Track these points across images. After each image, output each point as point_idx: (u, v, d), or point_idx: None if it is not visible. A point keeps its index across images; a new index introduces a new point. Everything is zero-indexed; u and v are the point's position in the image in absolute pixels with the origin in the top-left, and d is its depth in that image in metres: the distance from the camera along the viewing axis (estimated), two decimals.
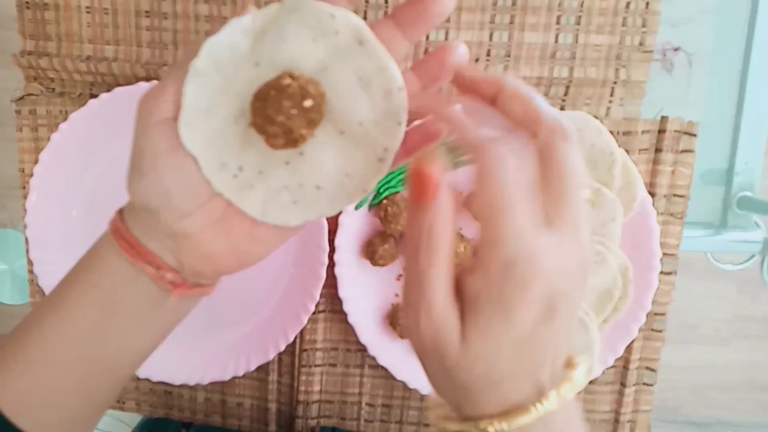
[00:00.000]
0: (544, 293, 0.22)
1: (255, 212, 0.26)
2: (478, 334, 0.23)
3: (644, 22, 0.46)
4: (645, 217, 0.47)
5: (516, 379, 0.23)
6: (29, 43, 0.48)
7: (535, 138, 0.22)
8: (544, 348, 0.23)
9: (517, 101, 0.23)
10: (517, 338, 0.22)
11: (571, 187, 0.23)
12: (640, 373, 0.51)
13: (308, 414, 0.51)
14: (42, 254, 0.49)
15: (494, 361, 0.23)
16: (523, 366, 0.23)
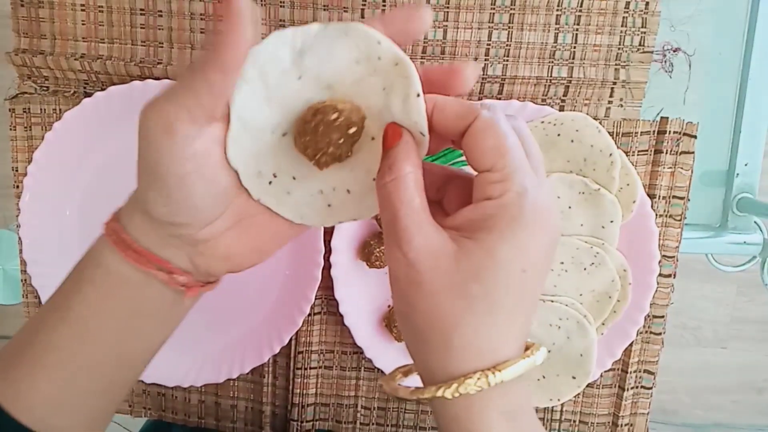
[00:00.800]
0: (549, 227, 0.24)
1: (293, 216, 0.27)
2: (483, 251, 0.23)
3: (644, 22, 0.46)
4: (644, 219, 0.46)
5: (511, 319, 0.23)
6: (23, 41, 0.48)
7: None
8: (538, 288, 0.24)
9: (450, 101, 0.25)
10: (523, 263, 0.23)
11: (535, 145, 0.25)
12: (638, 376, 0.50)
13: (303, 417, 0.51)
14: (35, 254, 0.48)
15: (493, 283, 0.23)
16: (525, 300, 0.24)
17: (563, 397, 0.49)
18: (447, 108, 0.24)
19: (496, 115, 0.24)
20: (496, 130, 0.23)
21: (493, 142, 0.23)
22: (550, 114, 0.46)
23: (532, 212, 0.23)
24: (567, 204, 0.46)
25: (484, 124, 0.24)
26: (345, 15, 0.45)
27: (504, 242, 0.23)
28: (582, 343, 0.47)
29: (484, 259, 0.23)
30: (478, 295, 0.23)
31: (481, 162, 0.24)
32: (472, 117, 0.24)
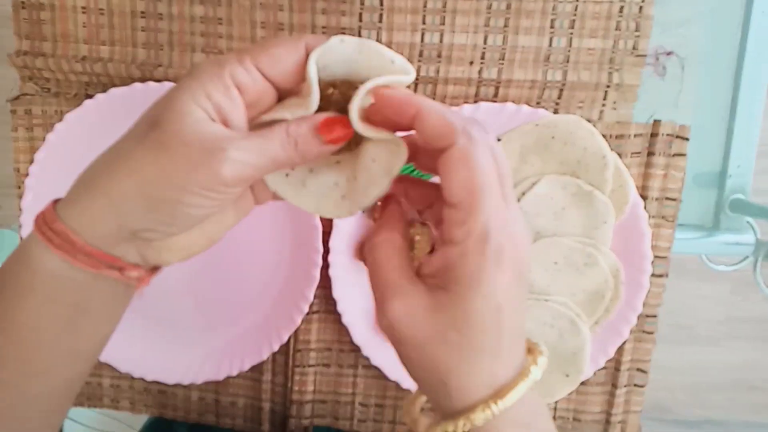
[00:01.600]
0: (515, 260, 0.24)
1: (310, 208, 0.28)
2: (453, 302, 0.24)
3: (637, 26, 0.47)
4: (636, 220, 0.47)
5: (500, 352, 0.24)
6: (25, 44, 0.48)
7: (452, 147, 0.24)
8: (518, 319, 0.25)
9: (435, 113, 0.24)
10: (496, 306, 0.24)
11: (508, 169, 0.25)
12: (631, 374, 0.51)
13: (302, 414, 0.51)
14: None
15: (474, 331, 0.24)
16: (504, 337, 0.24)
17: (557, 394, 0.50)
18: (426, 122, 0.24)
19: (474, 144, 0.23)
20: (469, 163, 0.23)
21: (464, 177, 0.23)
22: (545, 117, 0.46)
23: (495, 257, 0.23)
24: (561, 205, 0.47)
25: (459, 156, 0.23)
26: (343, 18, 0.46)
27: (471, 292, 0.23)
28: (575, 342, 0.48)
29: (456, 310, 0.24)
30: (458, 342, 0.24)
31: (449, 195, 0.24)
32: (450, 141, 0.24)
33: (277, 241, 0.49)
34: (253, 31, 0.47)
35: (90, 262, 0.25)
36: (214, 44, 0.47)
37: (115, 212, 0.24)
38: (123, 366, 0.49)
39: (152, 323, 0.50)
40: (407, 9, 0.46)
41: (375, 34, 0.47)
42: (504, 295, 0.24)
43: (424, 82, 0.47)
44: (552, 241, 0.48)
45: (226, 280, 0.49)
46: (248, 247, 0.49)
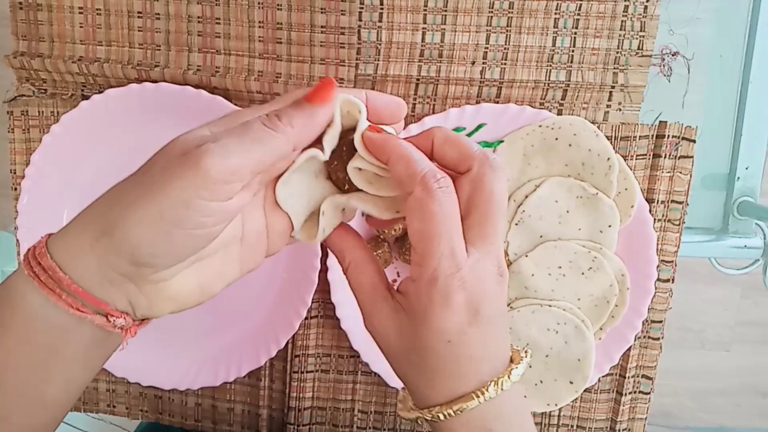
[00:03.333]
0: (466, 301, 0.26)
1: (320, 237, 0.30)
2: (411, 332, 0.27)
3: (643, 26, 0.46)
4: (642, 224, 0.46)
5: (457, 373, 0.27)
6: (22, 44, 0.48)
7: (470, 172, 0.27)
8: (479, 345, 0.27)
9: (450, 144, 0.28)
10: (447, 339, 0.26)
11: (495, 211, 0.27)
12: (636, 381, 0.50)
13: (300, 420, 0.51)
14: None
15: (426, 356, 0.27)
16: (462, 362, 0.27)
17: (561, 402, 0.48)
18: (393, 170, 0.26)
19: (429, 195, 0.25)
20: (423, 213, 0.25)
21: (417, 225, 0.26)
22: (548, 118, 0.45)
23: (442, 298, 0.26)
24: (565, 208, 0.46)
25: (414, 205, 0.26)
26: (342, 18, 0.45)
27: (423, 325, 0.26)
28: (580, 348, 0.47)
29: (413, 337, 0.27)
30: (419, 364, 0.27)
31: (410, 238, 0.26)
32: (410, 189, 0.26)
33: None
34: (251, 30, 0.46)
35: (74, 303, 0.24)
36: (211, 44, 0.47)
37: (109, 240, 0.24)
38: (118, 371, 0.49)
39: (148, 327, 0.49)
40: (408, 8, 0.45)
41: (375, 33, 0.46)
42: (453, 329, 0.26)
43: (426, 82, 0.47)
44: (556, 245, 0.47)
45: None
46: None
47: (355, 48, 0.46)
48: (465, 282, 0.26)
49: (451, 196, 0.26)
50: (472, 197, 0.27)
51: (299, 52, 0.46)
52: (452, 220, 0.26)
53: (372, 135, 0.27)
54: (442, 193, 0.25)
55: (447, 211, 0.26)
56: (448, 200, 0.26)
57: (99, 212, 0.25)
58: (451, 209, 0.26)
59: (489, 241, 0.27)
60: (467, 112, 0.45)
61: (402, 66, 0.46)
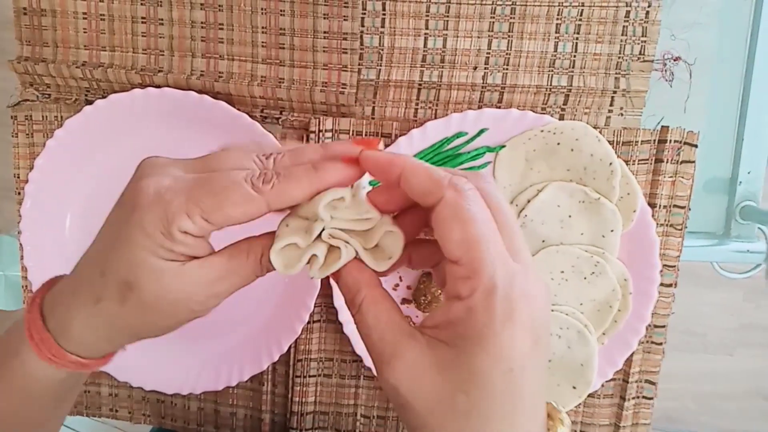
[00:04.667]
0: (529, 318, 0.22)
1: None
2: (459, 360, 0.22)
3: (644, 31, 0.46)
4: (645, 228, 0.46)
5: (514, 419, 0.22)
6: (26, 49, 0.48)
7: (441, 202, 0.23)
8: (534, 383, 0.22)
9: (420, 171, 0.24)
10: (510, 367, 0.21)
11: (513, 222, 0.24)
12: (639, 386, 0.50)
13: (303, 425, 0.50)
14: (36, 261, 0.48)
15: (480, 395, 0.21)
16: (515, 403, 0.22)
17: (564, 407, 0.48)
18: (412, 181, 0.23)
19: (462, 197, 0.22)
20: (462, 218, 0.22)
21: (459, 233, 0.22)
22: (550, 123, 0.45)
23: (505, 311, 0.21)
24: (567, 213, 0.46)
25: (449, 211, 0.22)
26: (345, 23, 0.46)
27: (480, 350, 0.21)
28: (583, 353, 0.47)
29: (463, 369, 0.22)
30: (466, 408, 0.22)
31: (448, 252, 0.23)
32: (438, 196, 0.23)
33: None
34: (254, 36, 0.46)
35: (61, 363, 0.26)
36: (214, 49, 0.47)
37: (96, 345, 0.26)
38: (121, 375, 0.49)
39: None
40: (410, 13, 0.46)
41: (377, 39, 0.46)
42: (516, 354, 0.21)
43: (428, 88, 0.47)
44: (558, 250, 0.47)
45: None
46: None
47: (357, 53, 0.46)
48: (525, 295, 0.22)
49: (481, 198, 0.23)
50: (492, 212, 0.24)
51: (302, 58, 0.46)
52: (492, 223, 0.23)
53: (374, 153, 0.24)
54: (475, 194, 0.23)
55: (485, 213, 0.23)
56: (482, 202, 0.23)
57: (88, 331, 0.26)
58: (487, 212, 0.23)
59: (527, 257, 0.23)
60: (469, 117, 0.45)
61: (404, 71, 0.46)
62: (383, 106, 0.47)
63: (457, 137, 0.46)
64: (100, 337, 0.26)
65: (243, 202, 0.23)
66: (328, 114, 0.48)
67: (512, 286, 0.22)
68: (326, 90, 0.47)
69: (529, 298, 0.22)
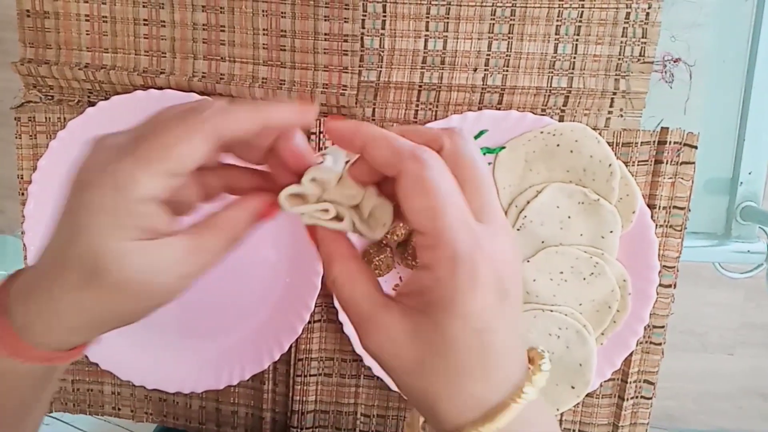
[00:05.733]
0: (494, 277, 0.23)
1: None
2: (430, 332, 0.23)
3: (644, 32, 0.46)
4: (644, 229, 0.46)
5: (487, 374, 0.23)
6: (29, 51, 0.48)
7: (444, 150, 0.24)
8: (506, 336, 0.23)
9: (413, 133, 0.25)
10: (477, 327, 0.23)
11: (487, 180, 0.24)
12: (638, 386, 0.50)
13: (303, 424, 0.51)
14: None
15: (453, 354, 0.23)
16: (492, 357, 0.23)
17: (562, 406, 0.49)
18: (373, 152, 0.24)
19: (423, 166, 0.22)
20: (424, 187, 0.22)
21: (420, 202, 0.22)
22: (550, 124, 0.46)
23: (469, 276, 0.22)
24: (566, 214, 0.46)
25: (410, 182, 0.23)
26: (345, 25, 0.46)
27: (449, 315, 0.22)
28: (581, 353, 0.47)
29: (436, 334, 0.23)
30: (442, 368, 0.23)
31: (412, 223, 0.23)
32: (399, 168, 0.23)
33: (278, 249, 0.48)
34: (255, 38, 0.47)
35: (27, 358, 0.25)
36: (216, 51, 0.47)
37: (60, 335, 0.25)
38: (123, 374, 0.49)
39: (153, 331, 0.49)
40: (410, 15, 0.46)
41: (378, 40, 0.46)
42: (484, 316, 0.23)
43: (428, 89, 0.47)
44: (558, 251, 0.47)
45: (226, 287, 0.49)
46: (249, 254, 0.48)
47: (358, 55, 0.46)
48: (488, 256, 0.23)
49: (444, 165, 0.23)
50: (458, 173, 0.24)
51: (303, 60, 0.47)
52: (455, 190, 0.23)
53: (336, 124, 0.24)
54: (436, 162, 0.23)
55: (447, 181, 0.23)
56: (444, 169, 0.23)
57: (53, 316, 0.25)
58: (450, 179, 0.23)
59: (494, 212, 0.24)
60: (469, 118, 0.46)
61: (405, 73, 0.47)
62: (384, 107, 0.48)
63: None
64: (67, 329, 0.25)
65: (188, 133, 0.23)
66: (328, 115, 0.48)
67: (475, 250, 0.22)
68: (327, 92, 0.47)
69: (493, 258, 0.23)
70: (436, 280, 0.22)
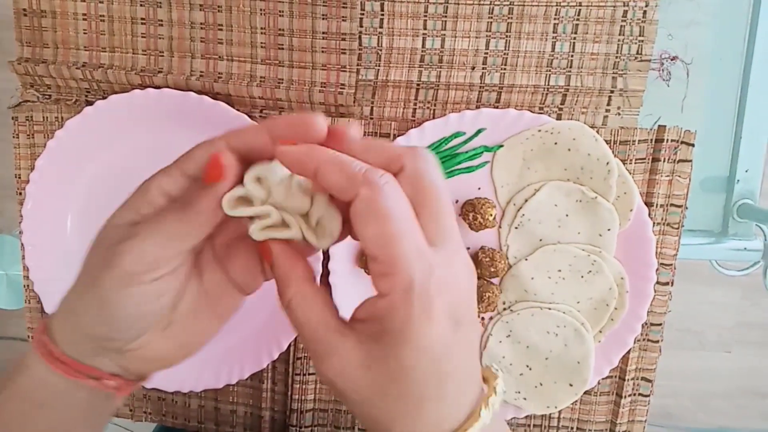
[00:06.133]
0: (447, 306, 0.22)
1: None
2: (386, 359, 0.23)
3: (642, 31, 0.46)
4: (641, 227, 0.46)
5: (443, 400, 0.23)
6: (26, 50, 0.48)
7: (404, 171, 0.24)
8: (461, 363, 0.23)
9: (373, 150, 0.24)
10: (433, 358, 0.22)
11: (445, 203, 0.24)
12: (636, 383, 0.50)
13: (302, 422, 0.51)
14: (37, 261, 0.49)
15: (410, 382, 0.23)
16: (445, 385, 0.23)
17: (560, 404, 0.49)
18: (326, 178, 0.23)
19: (377, 192, 0.22)
20: (377, 214, 0.22)
21: (373, 229, 0.22)
22: (547, 122, 0.46)
23: (423, 306, 0.22)
24: (564, 212, 0.47)
25: (363, 208, 0.22)
26: (343, 24, 0.46)
27: (403, 344, 0.22)
28: (579, 351, 0.47)
29: (390, 363, 0.23)
30: (397, 395, 0.23)
31: (365, 248, 0.23)
32: (353, 193, 0.22)
33: None
34: (253, 36, 0.47)
35: (67, 370, 0.27)
36: (213, 50, 0.47)
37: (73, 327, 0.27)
38: None
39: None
40: (408, 14, 0.46)
41: (376, 39, 0.46)
42: (439, 344, 0.22)
43: (426, 88, 0.47)
44: (555, 249, 0.47)
45: None
46: None
47: (356, 54, 0.46)
48: (442, 285, 0.22)
49: (399, 190, 0.23)
50: (416, 196, 0.23)
51: (301, 58, 0.47)
52: (409, 216, 0.23)
53: (288, 148, 0.24)
54: (391, 188, 0.22)
55: (402, 207, 0.23)
56: (399, 195, 0.23)
57: (67, 299, 0.27)
58: (404, 204, 0.23)
59: (450, 237, 0.24)
60: (467, 116, 0.46)
61: (402, 71, 0.47)
62: (382, 106, 0.48)
63: (455, 137, 0.46)
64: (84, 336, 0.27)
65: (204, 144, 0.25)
66: (327, 114, 0.48)
67: (429, 279, 0.22)
68: (325, 90, 0.47)
69: (449, 287, 0.23)
70: (390, 308, 0.22)
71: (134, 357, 0.27)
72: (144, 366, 0.28)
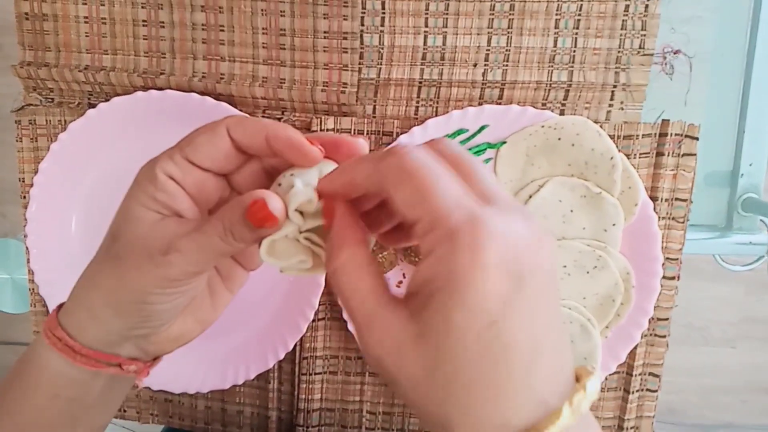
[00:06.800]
0: (502, 259, 0.19)
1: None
2: (436, 323, 0.19)
3: (644, 25, 0.46)
4: (646, 222, 0.46)
5: (504, 386, 0.19)
6: (29, 54, 0.48)
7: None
8: (528, 334, 0.19)
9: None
10: (487, 321, 0.18)
11: (475, 166, 0.22)
12: (643, 379, 0.50)
13: (309, 422, 0.51)
14: (42, 264, 0.49)
15: (466, 359, 0.19)
16: (508, 361, 0.19)
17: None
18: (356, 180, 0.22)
19: (400, 156, 0.21)
20: (406, 171, 0.20)
21: (406, 189, 0.20)
22: (551, 118, 0.46)
23: (471, 253, 0.18)
24: (569, 207, 0.46)
25: (393, 173, 0.21)
26: (344, 23, 0.46)
27: (451, 303, 0.19)
28: (586, 347, 0.47)
29: (442, 334, 0.19)
30: (453, 377, 0.19)
31: (406, 215, 0.21)
32: (381, 174, 0.21)
33: None
34: (255, 37, 0.47)
35: (88, 362, 0.27)
36: (215, 51, 0.47)
37: (97, 321, 0.27)
38: None
39: None
40: (409, 12, 0.46)
41: (377, 38, 0.46)
42: (493, 303, 0.18)
43: (428, 85, 0.47)
44: (561, 245, 0.47)
45: None
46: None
47: (357, 52, 0.46)
48: (496, 231, 0.19)
49: (429, 151, 0.21)
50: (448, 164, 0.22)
51: (303, 58, 0.47)
52: (441, 170, 0.21)
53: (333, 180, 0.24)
54: (419, 150, 0.21)
55: (431, 162, 0.21)
56: (427, 154, 0.21)
57: (84, 295, 0.27)
58: (434, 161, 0.21)
59: (500, 195, 0.21)
60: (470, 114, 0.46)
61: (404, 69, 0.47)
62: (384, 104, 0.48)
63: (458, 134, 0.46)
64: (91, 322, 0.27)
65: (207, 128, 0.26)
66: (329, 113, 0.48)
67: (476, 225, 0.19)
68: (327, 89, 0.47)
69: (504, 236, 0.19)
70: (436, 265, 0.19)
71: (158, 339, 0.28)
72: (165, 346, 0.29)
